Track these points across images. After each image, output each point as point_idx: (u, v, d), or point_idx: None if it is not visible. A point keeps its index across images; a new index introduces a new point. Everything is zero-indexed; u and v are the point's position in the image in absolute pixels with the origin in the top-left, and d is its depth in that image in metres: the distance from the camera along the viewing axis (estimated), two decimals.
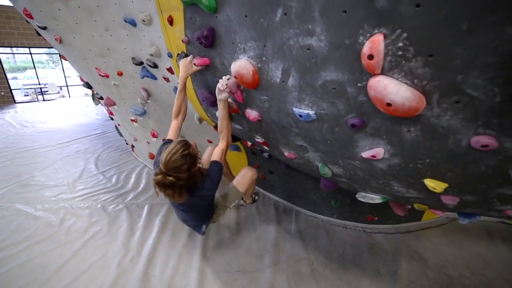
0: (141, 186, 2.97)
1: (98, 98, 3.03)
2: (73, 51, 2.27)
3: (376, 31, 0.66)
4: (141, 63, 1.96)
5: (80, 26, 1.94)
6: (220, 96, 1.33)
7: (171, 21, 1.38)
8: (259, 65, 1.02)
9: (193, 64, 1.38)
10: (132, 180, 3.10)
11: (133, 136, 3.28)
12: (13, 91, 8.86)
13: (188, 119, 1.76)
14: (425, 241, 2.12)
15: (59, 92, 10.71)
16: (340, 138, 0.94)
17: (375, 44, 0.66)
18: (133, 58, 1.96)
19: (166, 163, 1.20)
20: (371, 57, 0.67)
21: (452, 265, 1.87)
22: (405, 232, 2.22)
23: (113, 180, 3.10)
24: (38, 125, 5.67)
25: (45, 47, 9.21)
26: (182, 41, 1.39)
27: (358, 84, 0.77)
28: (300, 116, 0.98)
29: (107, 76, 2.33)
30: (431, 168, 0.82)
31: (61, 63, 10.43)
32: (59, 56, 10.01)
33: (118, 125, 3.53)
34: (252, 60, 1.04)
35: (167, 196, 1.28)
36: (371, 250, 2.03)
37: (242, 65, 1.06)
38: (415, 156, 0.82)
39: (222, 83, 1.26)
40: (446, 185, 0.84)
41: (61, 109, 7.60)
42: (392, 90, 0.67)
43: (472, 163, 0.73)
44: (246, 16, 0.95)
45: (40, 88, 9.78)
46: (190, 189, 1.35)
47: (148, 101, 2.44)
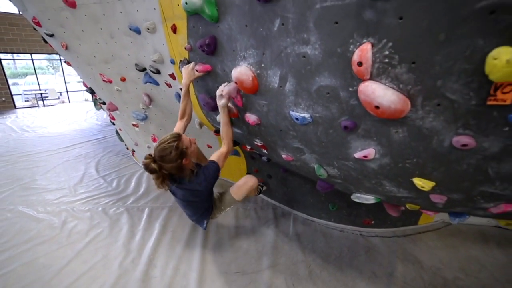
0: (142, 190, 3.00)
1: (101, 104, 3.09)
2: (78, 58, 2.35)
3: (365, 40, 0.73)
4: (144, 69, 2.03)
5: (86, 34, 2.02)
6: (220, 102, 1.39)
7: (175, 30, 1.45)
8: (258, 72, 1.09)
9: (195, 71, 1.45)
10: (133, 184, 3.14)
11: (134, 141, 3.33)
12: (14, 97, 8.94)
13: (189, 124, 1.82)
14: (421, 245, 2.14)
15: (59, 98, 10.78)
16: (334, 140, 1.00)
17: (364, 52, 0.72)
18: (137, 65, 2.03)
19: (155, 150, 1.33)
20: (361, 64, 0.74)
21: (447, 268, 1.90)
22: (402, 236, 2.24)
23: (114, 184, 3.14)
24: (39, 130, 5.72)
25: (46, 53, 9.35)
26: (185, 49, 1.46)
27: (350, 89, 0.83)
28: (297, 119, 1.05)
29: (111, 82, 2.40)
30: (419, 167, 0.88)
31: (62, 69, 10.54)
32: (60, 62, 10.17)
33: (120, 130, 3.58)
34: (252, 67, 1.10)
35: (154, 180, 1.40)
36: (368, 253, 2.06)
37: (243, 71, 1.12)
38: (404, 156, 0.88)
39: (219, 90, 1.34)
40: (434, 184, 0.90)
41: (62, 115, 7.67)
42: (380, 94, 0.73)
43: (455, 162, 0.79)
44: (246, 26, 1.03)
45: (41, 94, 9.86)
46: (179, 181, 1.45)
47: (150, 106, 2.50)
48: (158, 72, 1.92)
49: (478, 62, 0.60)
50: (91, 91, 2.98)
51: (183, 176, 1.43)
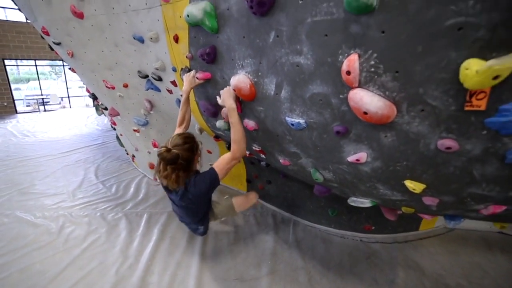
0: (141, 196, 3.00)
1: (103, 109, 3.15)
2: (83, 65, 2.42)
3: (352, 52, 0.79)
4: (147, 76, 2.10)
5: (92, 42, 2.10)
6: (226, 104, 1.33)
7: (177, 39, 1.52)
8: (256, 80, 1.15)
9: (196, 78, 1.51)
10: (132, 190, 3.13)
11: (135, 146, 3.37)
12: (15, 102, 9.04)
13: (190, 130, 1.87)
14: (423, 251, 2.11)
15: (60, 103, 10.88)
16: (328, 144, 1.05)
17: (352, 62, 0.78)
18: (139, 72, 2.10)
19: (171, 142, 1.35)
20: (349, 73, 0.79)
21: (450, 274, 1.87)
22: (403, 242, 2.22)
23: (113, 189, 3.13)
24: (40, 135, 5.74)
25: (50, 60, 9.54)
26: (186, 57, 1.53)
27: (340, 96, 0.88)
28: (292, 125, 1.10)
29: (113, 88, 2.47)
30: (409, 170, 0.92)
31: (64, 75, 10.69)
32: (63, 68, 10.32)
33: (120, 135, 3.63)
34: (249, 75, 1.17)
35: (164, 180, 1.34)
36: (368, 260, 2.03)
37: (241, 79, 1.18)
38: (394, 159, 0.92)
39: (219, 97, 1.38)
40: (424, 186, 0.94)
41: (62, 120, 7.71)
42: (367, 101, 0.79)
43: (442, 165, 0.83)
44: (244, 37, 1.09)
45: (42, 99, 9.96)
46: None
47: (151, 112, 2.56)
48: (160, 79, 1.99)
49: (453, 72, 0.66)
50: (94, 97, 3.04)
51: (189, 172, 1.42)
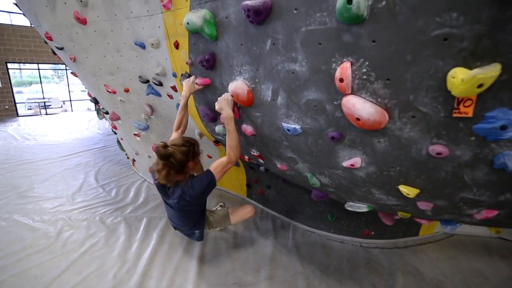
0: (140, 200, 3.00)
1: (104, 113, 3.18)
2: (85, 69, 2.46)
3: (345, 60, 0.82)
4: (147, 81, 2.13)
5: (94, 47, 2.14)
6: (224, 112, 1.37)
7: (177, 46, 1.56)
8: (253, 86, 1.17)
9: (195, 84, 1.54)
10: (132, 194, 3.13)
11: (135, 150, 3.39)
12: (17, 105, 9.10)
13: (189, 134, 1.89)
14: (422, 256, 2.10)
15: (62, 107, 10.95)
16: (323, 150, 1.07)
17: (344, 70, 0.81)
18: (140, 77, 2.13)
19: (171, 140, 1.43)
20: (342, 80, 0.82)
21: (449, 280, 1.86)
22: (402, 247, 2.21)
23: (113, 193, 3.14)
24: (40, 138, 5.77)
25: (52, 63, 9.65)
26: (186, 63, 1.56)
27: (334, 102, 0.91)
28: (288, 130, 1.12)
29: (114, 92, 2.51)
30: (402, 175, 0.94)
31: (66, 78, 10.79)
32: (65, 72, 10.44)
33: (121, 139, 3.65)
34: (247, 81, 1.19)
35: (156, 173, 1.40)
36: (368, 265, 2.02)
37: (238, 86, 1.21)
38: (387, 164, 0.94)
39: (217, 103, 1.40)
40: (418, 191, 0.95)
41: (64, 123, 7.75)
42: (359, 107, 0.81)
43: (434, 170, 0.85)
44: (242, 45, 1.12)
45: (44, 102, 10.03)
46: (175, 183, 1.47)
47: (152, 117, 2.59)
48: (161, 84, 2.02)
49: (441, 80, 0.68)
50: (95, 101, 3.08)
51: (183, 175, 1.47)
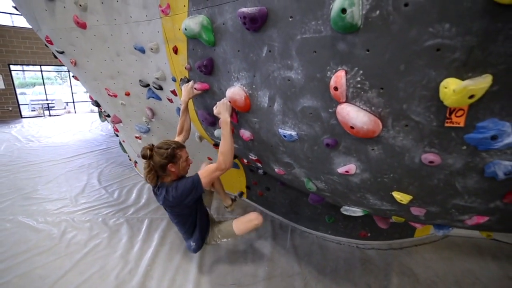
0: (142, 201, 3.03)
1: (105, 116, 3.21)
2: (86, 73, 2.49)
3: (340, 68, 0.82)
4: (148, 85, 2.15)
5: (94, 52, 2.16)
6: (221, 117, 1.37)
7: (176, 51, 1.57)
8: (250, 92, 1.19)
9: (194, 89, 1.56)
10: (134, 195, 3.17)
11: (137, 153, 3.42)
12: (21, 106, 9.18)
13: (190, 137, 1.91)
14: (417, 257, 2.15)
15: (65, 108, 11.03)
16: (319, 156, 1.08)
17: (339, 79, 0.82)
18: (140, 81, 2.15)
19: (156, 144, 1.49)
20: (336, 89, 0.83)
21: (442, 281, 1.91)
22: (398, 249, 2.25)
23: (115, 195, 3.17)
24: (44, 140, 5.83)
25: (55, 65, 9.71)
26: (185, 68, 1.57)
27: (329, 110, 0.92)
28: (285, 137, 1.13)
29: (115, 96, 2.53)
30: (396, 182, 0.95)
31: (69, 80, 10.86)
32: (68, 73, 10.50)
33: (123, 142, 3.69)
34: (245, 87, 1.21)
35: (144, 173, 1.50)
36: (364, 266, 2.06)
37: (236, 92, 1.22)
38: (381, 171, 0.95)
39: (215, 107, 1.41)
40: (411, 197, 0.96)
41: (67, 125, 7.81)
42: (353, 116, 0.82)
43: (426, 177, 0.86)
44: (239, 51, 1.13)
45: (47, 104, 10.11)
46: (161, 184, 1.52)
47: (153, 120, 2.61)
48: (161, 88, 2.04)
49: (434, 90, 0.69)
50: (97, 104, 3.11)
51: (163, 178, 1.51)
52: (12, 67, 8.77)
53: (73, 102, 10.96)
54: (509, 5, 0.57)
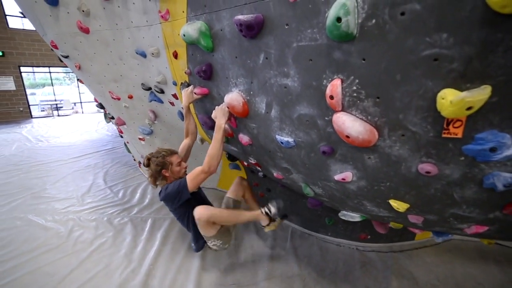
0: (146, 201, 3.08)
1: (110, 118, 3.26)
2: (90, 77, 2.53)
3: (335, 76, 0.81)
4: (150, 89, 2.18)
5: (98, 56, 2.19)
6: (218, 122, 1.38)
7: (176, 55, 1.58)
8: (248, 98, 1.18)
9: (194, 93, 1.57)
10: (138, 195, 3.22)
11: (140, 154, 3.47)
12: (31, 107, 9.41)
13: None
14: (417, 260, 2.12)
15: (73, 108, 11.25)
16: (316, 163, 1.08)
17: (334, 87, 0.81)
18: (143, 84, 2.18)
19: (153, 153, 1.70)
20: (332, 97, 0.82)
21: (443, 285, 1.87)
22: (398, 251, 2.22)
23: (120, 195, 3.23)
24: (52, 140, 5.97)
25: (63, 67, 9.89)
26: (185, 73, 1.58)
27: (326, 118, 0.91)
28: (282, 143, 1.13)
29: (119, 99, 2.57)
30: (392, 191, 0.93)
31: (77, 80, 11.07)
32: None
33: (127, 143, 3.74)
34: (243, 93, 1.21)
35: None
36: (363, 268, 2.05)
37: (233, 98, 1.23)
38: (378, 180, 0.94)
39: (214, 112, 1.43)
40: (408, 206, 0.95)
41: (74, 125, 7.98)
42: (349, 125, 0.81)
43: (423, 187, 0.84)
44: (237, 57, 1.13)
45: (56, 104, 10.33)
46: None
47: (155, 122, 2.65)
48: (162, 92, 2.06)
49: (431, 100, 0.67)
50: (101, 106, 3.16)
51: (154, 180, 1.70)
52: (22, 69, 8.98)
53: (81, 103, 11.16)
54: (510, 15, 0.55)
